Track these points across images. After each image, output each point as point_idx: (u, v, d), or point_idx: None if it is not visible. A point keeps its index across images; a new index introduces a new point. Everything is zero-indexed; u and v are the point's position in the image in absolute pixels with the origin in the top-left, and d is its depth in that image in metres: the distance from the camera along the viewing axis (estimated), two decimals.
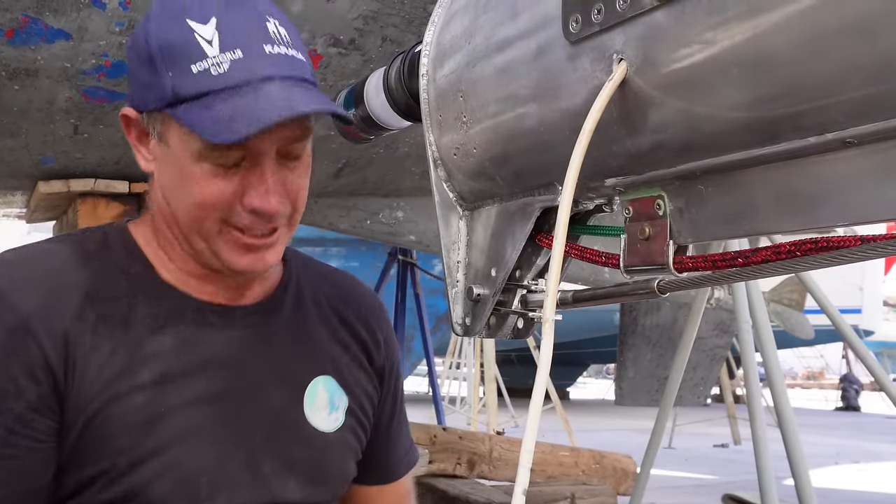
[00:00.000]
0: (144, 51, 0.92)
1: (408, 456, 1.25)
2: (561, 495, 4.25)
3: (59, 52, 2.03)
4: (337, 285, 1.17)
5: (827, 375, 26.54)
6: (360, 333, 1.15)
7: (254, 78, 0.89)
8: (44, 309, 0.92)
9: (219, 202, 0.93)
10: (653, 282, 0.77)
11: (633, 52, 0.68)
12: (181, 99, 0.89)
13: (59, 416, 0.91)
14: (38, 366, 0.90)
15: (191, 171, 0.93)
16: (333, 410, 1.07)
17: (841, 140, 0.58)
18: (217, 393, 0.98)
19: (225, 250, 0.96)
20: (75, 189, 2.96)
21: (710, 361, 6.14)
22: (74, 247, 1.00)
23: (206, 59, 0.89)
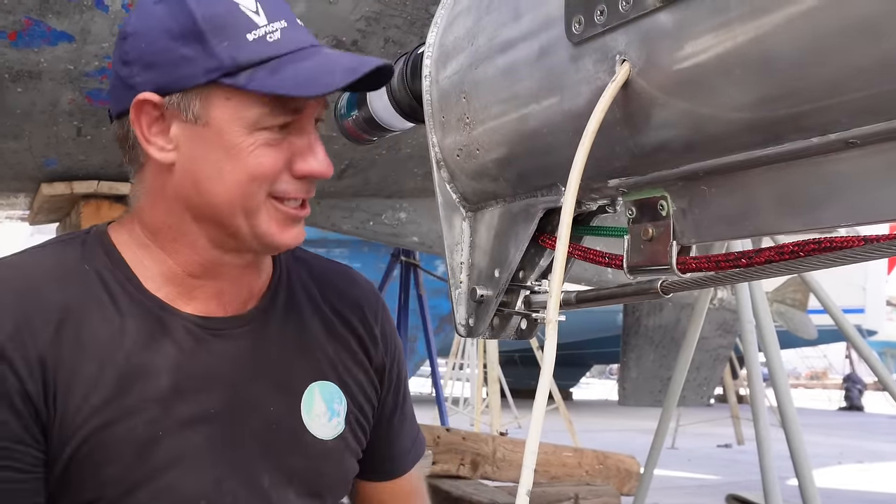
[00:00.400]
0: (181, 25, 0.89)
1: (414, 448, 1.22)
2: (564, 496, 4.25)
3: (62, 55, 2.04)
4: (331, 279, 1.14)
5: (830, 375, 26.52)
6: (357, 329, 1.12)
7: (304, 45, 0.91)
8: (19, 334, 0.88)
9: (272, 171, 0.92)
10: (656, 282, 0.77)
11: (635, 53, 0.68)
12: (241, 66, 0.89)
13: (44, 445, 0.88)
14: (15, 394, 0.86)
15: (242, 143, 0.91)
16: (333, 416, 1.05)
17: (844, 141, 0.58)
18: (212, 411, 0.96)
19: (270, 225, 0.94)
20: (78, 191, 2.97)
21: (713, 362, 6.14)
22: (53, 259, 0.96)
23: (258, 28, 0.89)
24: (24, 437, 0.87)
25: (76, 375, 0.90)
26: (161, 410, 0.93)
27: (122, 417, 0.91)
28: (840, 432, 12.47)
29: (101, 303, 0.94)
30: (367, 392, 1.12)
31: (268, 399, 1.01)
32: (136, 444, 0.91)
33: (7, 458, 0.86)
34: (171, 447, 0.93)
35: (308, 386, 1.04)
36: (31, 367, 0.87)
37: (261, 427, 0.99)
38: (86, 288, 0.94)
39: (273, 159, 0.92)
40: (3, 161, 2.83)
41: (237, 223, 0.94)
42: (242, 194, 0.92)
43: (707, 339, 5.46)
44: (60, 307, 0.91)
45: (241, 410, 0.98)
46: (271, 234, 0.95)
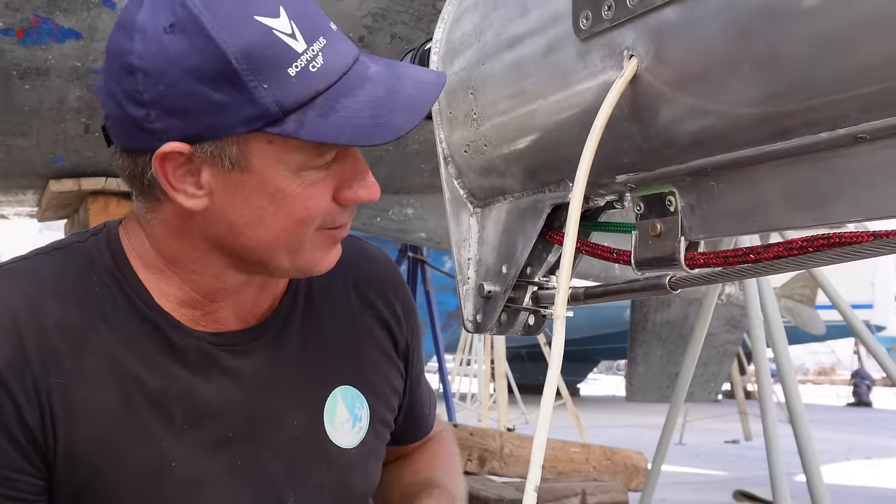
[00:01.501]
0: (213, 65, 0.75)
1: (431, 405, 1.18)
2: (572, 491, 4.25)
3: (70, 52, 2.04)
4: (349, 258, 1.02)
5: (838, 371, 26.44)
6: (382, 312, 1.06)
7: (348, 63, 0.81)
8: (17, 359, 0.81)
9: (321, 211, 0.84)
10: (664, 278, 0.77)
11: (643, 48, 0.68)
12: (287, 111, 0.77)
13: (46, 473, 0.83)
14: (13, 422, 0.81)
15: (287, 187, 0.81)
16: (356, 422, 1.00)
17: (853, 135, 0.58)
18: (230, 434, 0.90)
19: (313, 255, 0.87)
20: (86, 188, 2.98)
21: (720, 357, 6.13)
22: (58, 271, 0.88)
23: (298, 57, 0.77)
24: (23, 465, 0.82)
25: (79, 403, 0.83)
26: (174, 439, 0.87)
27: (132, 449, 0.85)
28: (848, 428, 12.44)
29: (107, 320, 0.87)
30: (394, 383, 1.07)
31: (289, 413, 0.95)
32: (148, 477, 0.85)
33: (7, 488, 0.82)
34: (185, 478, 0.87)
35: (330, 393, 0.99)
36: (28, 395, 0.81)
37: (284, 444, 0.94)
38: (92, 304, 0.87)
39: (321, 198, 0.83)
40: (11, 158, 2.84)
41: (279, 260, 0.86)
42: (288, 236, 0.84)
43: (715, 334, 5.45)
44: (62, 328, 0.84)
45: (263, 429, 0.93)
46: (314, 262, 0.88)
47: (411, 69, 0.85)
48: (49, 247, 0.92)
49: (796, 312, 7.56)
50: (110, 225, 0.94)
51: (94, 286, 0.88)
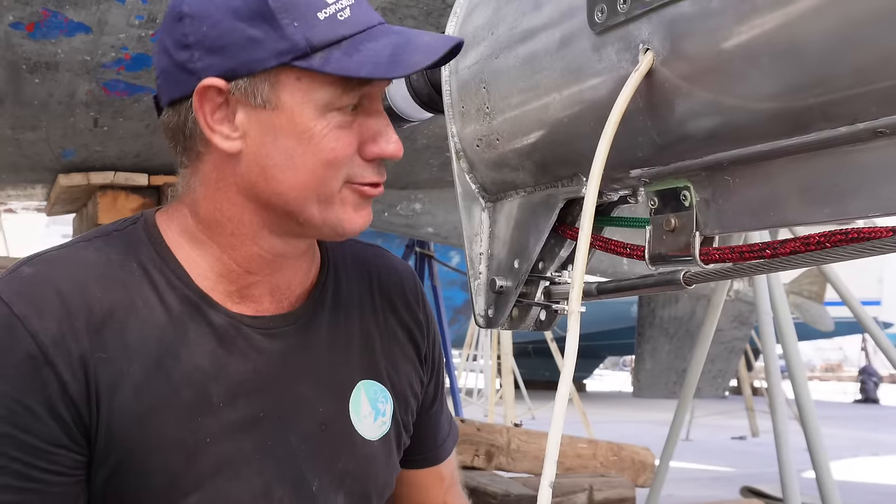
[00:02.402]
0: (251, 4, 0.84)
1: (451, 433, 1.20)
2: (579, 487, 4.25)
3: (80, 46, 2.04)
4: (373, 264, 1.10)
5: (845, 368, 26.38)
6: (404, 317, 1.09)
7: (373, 22, 0.87)
8: (63, 336, 0.85)
9: (346, 155, 0.88)
10: (678, 273, 0.76)
11: (659, 41, 0.68)
12: (315, 48, 0.84)
13: (87, 448, 0.86)
14: (58, 399, 0.84)
15: (315, 126, 0.86)
16: (378, 416, 1.02)
17: (872, 130, 0.58)
18: (261, 414, 0.93)
19: (343, 211, 0.90)
20: (95, 182, 2.98)
21: (728, 353, 6.12)
22: (98, 256, 0.92)
23: (328, 5, 0.85)
24: (65, 441, 0.85)
25: (121, 379, 0.87)
26: (209, 416, 0.90)
27: (170, 424, 0.88)
28: (855, 425, 12.41)
29: (147, 302, 0.90)
30: (414, 386, 1.09)
31: (317, 399, 0.98)
32: (184, 451, 0.88)
33: (48, 462, 0.84)
34: (219, 453, 0.90)
35: (356, 385, 1.02)
36: (74, 370, 0.84)
37: (311, 429, 0.97)
38: (131, 286, 0.90)
39: (346, 142, 0.88)
40: (20, 152, 2.85)
41: (310, 211, 0.90)
42: (317, 181, 0.88)
43: (722, 330, 5.43)
44: (105, 308, 0.88)
45: (291, 412, 0.96)
46: (345, 219, 0.91)
47: (429, 33, 0.89)
48: (88, 235, 0.96)
49: (805, 309, 7.54)
50: (147, 213, 0.98)
51: (134, 270, 0.92)
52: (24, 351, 0.83)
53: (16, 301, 0.85)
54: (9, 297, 0.85)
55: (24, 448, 0.83)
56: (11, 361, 0.83)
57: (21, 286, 0.87)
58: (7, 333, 0.84)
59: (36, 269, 0.89)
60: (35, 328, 0.84)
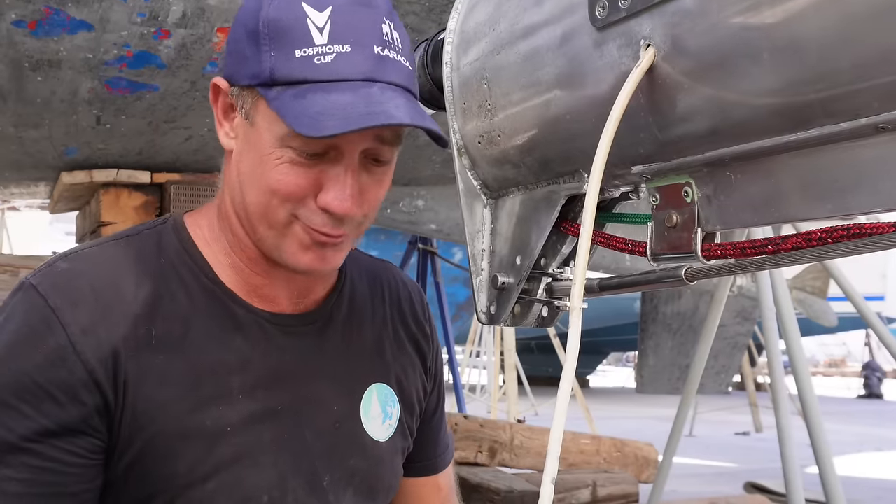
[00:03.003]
0: (252, 23, 0.88)
1: (449, 446, 1.24)
2: (582, 483, 4.25)
3: (82, 43, 2.05)
4: (382, 277, 1.15)
5: (849, 363, 26.35)
6: (411, 328, 1.14)
7: (356, 76, 0.85)
8: (94, 327, 0.89)
9: (293, 193, 0.89)
10: (680, 269, 0.76)
11: (660, 37, 0.67)
12: (276, 82, 0.86)
13: (107, 434, 0.89)
14: (82, 386, 0.87)
15: (271, 155, 0.88)
16: (386, 419, 1.06)
17: (874, 125, 0.57)
18: (279, 408, 0.97)
19: (289, 245, 0.92)
20: (98, 179, 2.99)
21: (731, 349, 6.12)
22: (129, 253, 0.96)
23: (312, 46, 0.85)
24: (85, 428, 0.88)
25: (149, 370, 0.90)
26: (230, 406, 0.93)
27: (193, 413, 0.91)
28: (859, 420, 12.40)
29: (174, 296, 0.94)
30: (419, 394, 1.13)
31: (331, 398, 1.01)
32: (205, 439, 0.92)
33: (67, 444, 0.87)
34: (238, 443, 0.93)
35: (367, 387, 1.05)
36: (103, 359, 0.88)
37: (325, 426, 1.00)
38: (160, 281, 0.94)
39: (293, 181, 0.88)
40: (23, 150, 2.85)
41: (262, 232, 0.93)
42: (263, 205, 0.90)
43: (725, 326, 5.43)
44: (136, 301, 0.92)
45: (307, 408, 0.99)
46: (290, 253, 0.92)
47: (407, 105, 0.87)
48: (118, 234, 1.00)
49: (808, 304, 7.53)
50: (175, 214, 1.03)
51: (162, 266, 0.96)
52: (55, 340, 0.87)
53: (51, 293, 0.90)
54: (45, 289, 0.90)
55: (44, 431, 0.86)
56: (42, 349, 0.87)
57: (57, 279, 0.92)
58: (41, 323, 0.88)
59: (71, 265, 0.93)
60: (67, 319, 0.88)
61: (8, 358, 0.88)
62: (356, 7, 0.87)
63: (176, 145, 2.81)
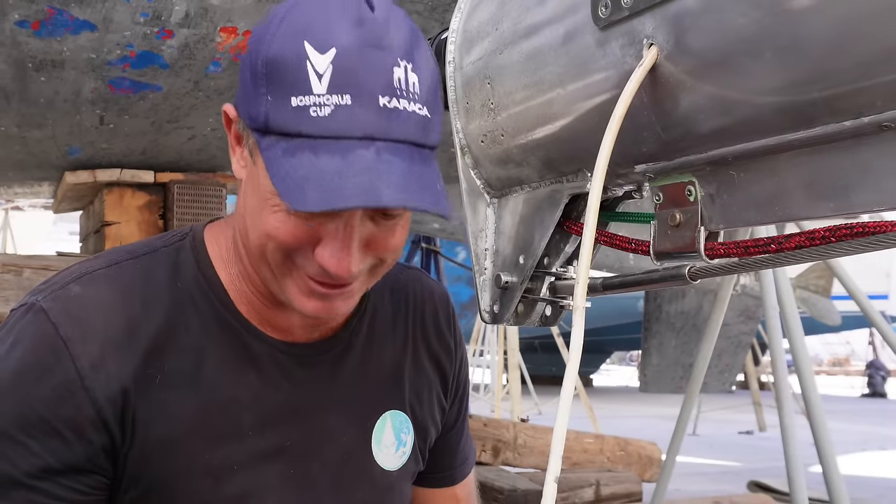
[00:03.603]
0: (254, 59, 0.80)
1: (469, 457, 1.20)
2: (586, 482, 4.25)
3: (85, 43, 2.05)
4: (409, 291, 1.09)
5: (853, 362, 26.32)
6: (434, 346, 1.09)
7: (354, 134, 0.76)
8: (104, 361, 0.85)
9: (288, 243, 0.83)
10: (684, 268, 0.76)
11: (663, 36, 0.67)
12: (270, 130, 0.78)
13: (112, 471, 0.87)
14: (88, 423, 0.84)
15: (269, 201, 0.82)
16: (400, 447, 1.03)
17: (878, 124, 0.57)
18: (287, 444, 0.94)
19: (291, 289, 0.86)
20: (101, 179, 2.99)
21: (735, 348, 6.11)
22: (144, 276, 0.91)
23: (309, 94, 0.76)
24: (89, 466, 0.85)
25: (159, 406, 0.87)
26: (239, 444, 0.91)
27: (202, 450, 0.89)
28: (863, 419, 12.39)
29: (189, 328, 0.90)
30: (436, 417, 1.09)
31: (342, 429, 0.98)
32: (211, 477, 0.89)
33: (71, 480, 0.85)
34: (244, 482, 0.91)
35: (381, 416, 1.02)
36: (112, 396, 0.85)
37: (333, 459, 0.97)
38: (175, 310, 0.90)
39: (290, 231, 0.82)
40: (27, 150, 2.86)
41: (264, 273, 0.88)
42: (263, 247, 0.85)
43: (729, 325, 5.42)
44: (149, 333, 0.88)
45: (316, 442, 0.96)
46: (293, 298, 0.86)
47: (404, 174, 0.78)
48: (135, 251, 0.94)
49: (812, 303, 7.51)
50: (196, 228, 0.97)
51: (177, 293, 0.91)
52: (64, 374, 0.84)
53: (63, 322, 0.85)
54: (55, 316, 0.85)
55: (48, 469, 0.84)
56: (50, 382, 0.84)
57: (69, 305, 0.87)
58: (50, 354, 0.84)
59: (84, 290, 0.88)
60: (77, 352, 0.84)
61: (14, 388, 0.84)
62: (364, 50, 0.77)
63: (179, 145, 2.82)
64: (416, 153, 0.80)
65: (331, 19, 0.78)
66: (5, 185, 3.67)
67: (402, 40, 0.80)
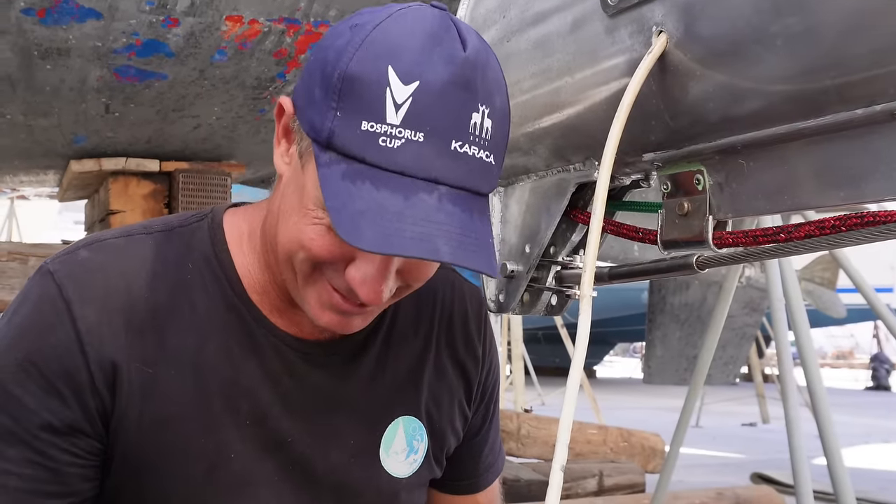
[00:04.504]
0: (329, 69, 0.77)
1: (497, 462, 1.15)
2: (589, 472, 4.26)
3: (91, 32, 2.04)
4: (438, 292, 1.03)
5: (857, 355, 26.30)
6: (459, 352, 1.04)
7: (418, 174, 0.74)
8: (99, 329, 0.85)
9: (322, 257, 0.81)
10: (691, 258, 0.76)
11: (673, 24, 0.67)
12: (333, 147, 0.76)
13: (107, 438, 0.86)
14: (85, 387, 0.84)
15: (311, 212, 0.80)
16: (411, 453, 1.00)
17: (890, 112, 0.57)
18: (288, 439, 0.92)
19: (311, 297, 0.85)
20: (107, 168, 2.99)
21: (739, 340, 6.10)
22: (155, 251, 0.90)
23: (383, 122, 0.74)
24: (87, 428, 0.85)
25: (155, 383, 0.86)
26: (235, 432, 0.89)
27: (197, 434, 0.87)
28: (867, 412, 12.38)
29: (194, 307, 0.89)
30: (456, 425, 1.05)
31: (349, 432, 0.95)
32: (206, 463, 0.88)
33: (69, 444, 0.85)
34: (241, 471, 0.89)
35: (393, 421, 0.98)
36: (103, 367, 0.85)
37: (340, 461, 0.95)
38: (181, 288, 0.89)
39: (326, 246, 0.80)
40: (33, 138, 2.86)
41: (288, 274, 0.86)
42: (292, 253, 0.83)
43: (733, 317, 5.41)
44: (148, 309, 0.87)
45: (321, 441, 0.94)
46: (311, 307, 0.85)
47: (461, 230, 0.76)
48: (152, 226, 0.94)
49: (817, 295, 7.50)
50: (216, 210, 0.96)
51: (187, 272, 0.90)
52: (65, 333, 0.84)
53: (66, 284, 0.86)
54: (61, 279, 0.86)
55: (47, 427, 0.84)
56: (51, 340, 0.84)
57: (74, 269, 0.87)
58: (52, 313, 0.85)
59: (92, 256, 0.89)
60: (78, 314, 0.85)
61: (17, 343, 0.85)
62: (449, 88, 0.74)
63: (184, 134, 2.82)
64: (475, 202, 0.78)
65: (421, 49, 0.75)
66: (11, 173, 3.67)
67: (488, 85, 0.77)
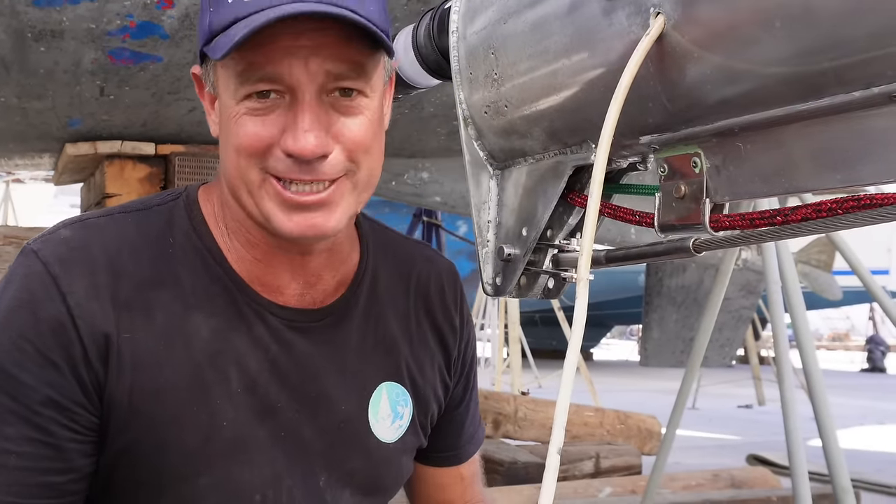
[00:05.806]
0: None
1: (477, 434, 1.20)
2: (586, 455, 4.28)
3: (85, 13, 2.03)
4: (416, 264, 1.09)
5: (853, 337, 26.40)
6: (438, 321, 1.08)
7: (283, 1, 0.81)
8: (91, 304, 0.86)
9: (254, 146, 0.85)
10: (688, 241, 0.76)
11: (670, 5, 0.66)
12: (215, 33, 0.84)
13: (102, 411, 0.88)
14: (80, 360, 0.86)
15: (230, 113, 0.86)
16: (396, 419, 1.03)
17: (888, 94, 0.57)
18: (279, 405, 0.94)
19: (269, 207, 0.87)
20: (102, 151, 2.98)
21: (735, 322, 6.12)
22: (136, 229, 0.93)
23: None
24: (83, 401, 0.86)
25: (145, 355, 0.88)
26: (227, 400, 0.91)
27: (189, 404, 0.89)
28: (862, 394, 12.44)
29: (178, 280, 0.91)
30: (438, 392, 1.08)
31: (339, 397, 0.98)
32: (200, 432, 0.89)
33: (67, 419, 0.86)
34: (234, 439, 0.91)
35: (377, 386, 1.01)
36: (95, 339, 0.86)
37: (329, 425, 0.97)
38: (164, 262, 0.91)
39: (252, 131, 0.85)
40: (27, 121, 2.84)
41: (244, 201, 0.89)
42: (235, 168, 0.87)
43: (730, 299, 5.43)
44: (133, 282, 0.89)
45: (310, 407, 0.96)
46: (276, 218, 0.87)
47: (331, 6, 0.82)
48: (129, 206, 0.97)
49: (813, 278, 7.52)
50: (190, 188, 0.99)
51: (169, 247, 0.93)
52: (55, 308, 0.86)
53: (52, 261, 0.87)
54: (45, 256, 0.88)
55: (46, 402, 0.85)
56: (43, 315, 0.85)
57: (57, 247, 0.89)
58: (41, 289, 0.86)
59: (74, 234, 0.91)
60: (66, 289, 0.86)
61: (9, 323, 0.86)
62: None
63: (180, 116, 2.80)
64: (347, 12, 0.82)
65: None
66: (6, 156, 3.66)
67: None
